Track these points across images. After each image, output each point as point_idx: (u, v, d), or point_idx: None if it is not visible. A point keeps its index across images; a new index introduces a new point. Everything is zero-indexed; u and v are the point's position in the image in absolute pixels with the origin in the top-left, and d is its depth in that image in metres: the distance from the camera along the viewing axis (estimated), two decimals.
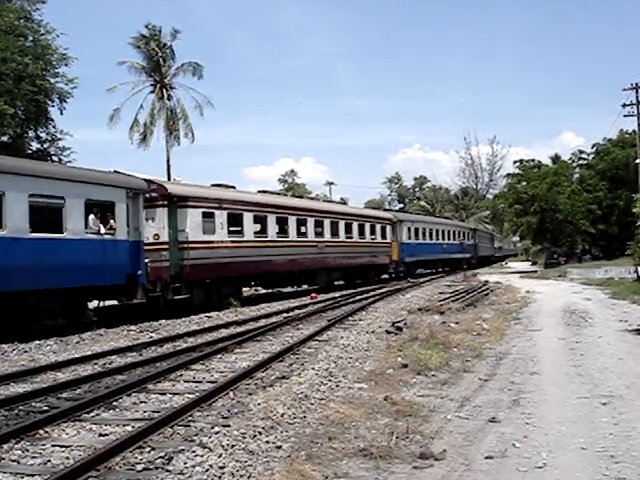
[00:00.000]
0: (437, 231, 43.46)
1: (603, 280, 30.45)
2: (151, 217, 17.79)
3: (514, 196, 52.27)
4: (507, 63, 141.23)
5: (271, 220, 23.01)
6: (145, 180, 17.38)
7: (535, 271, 46.99)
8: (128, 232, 15.95)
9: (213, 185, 22.47)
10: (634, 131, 45.35)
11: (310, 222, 25.95)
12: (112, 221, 15.56)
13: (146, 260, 16.51)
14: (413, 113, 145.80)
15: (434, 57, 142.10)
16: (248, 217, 21.50)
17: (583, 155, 57.71)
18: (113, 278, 15.43)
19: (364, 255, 31.09)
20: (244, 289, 23.41)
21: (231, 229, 20.56)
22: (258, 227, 22.39)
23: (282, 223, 23.93)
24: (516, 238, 78.18)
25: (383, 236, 33.69)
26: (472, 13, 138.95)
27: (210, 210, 19.51)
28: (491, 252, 68.13)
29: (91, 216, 15.02)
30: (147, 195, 17.15)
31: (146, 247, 16.80)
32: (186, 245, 18.32)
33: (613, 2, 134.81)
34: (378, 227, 33.19)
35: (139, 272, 16.02)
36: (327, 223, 27.43)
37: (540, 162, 55.90)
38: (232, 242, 20.46)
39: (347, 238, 29.26)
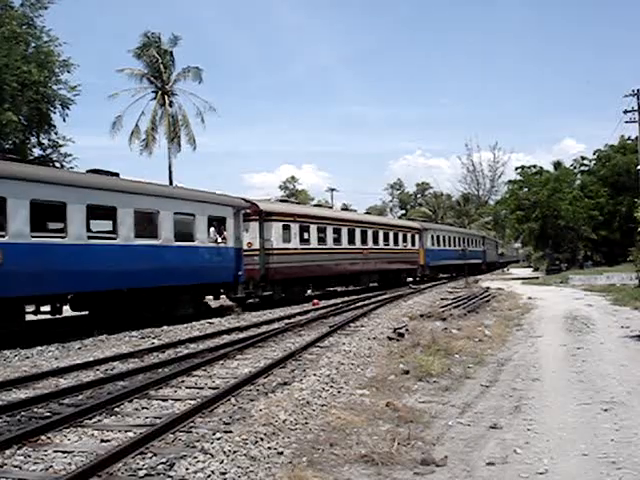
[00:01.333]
0: (454, 238, 47.97)
1: (605, 286, 30.36)
2: (246, 229, 21.81)
3: (516, 202, 52.34)
4: (508, 70, 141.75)
5: (329, 231, 27.19)
6: (243, 199, 21.70)
7: (537, 277, 46.85)
8: (234, 241, 19.93)
9: (280, 200, 28.01)
10: (636, 137, 45.37)
11: (357, 232, 29.95)
12: (225, 232, 19.50)
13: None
14: (414, 120, 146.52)
15: (434, 64, 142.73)
16: (313, 228, 25.76)
17: (585, 161, 57.79)
18: (226, 277, 19.65)
19: (398, 260, 35.68)
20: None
21: (301, 238, 24.64)
22: (320, 237, 26.40)
23: (337, 233, 28.01)
24: (518, 244, 78.28)
25: (412, 243, 38.16)
26: (473, 20, 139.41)
27: (287, 223, 23.73)
28: (496, 258, 70.76)
29: (211, 228, 19.01)
30: (244, 211, 21.16)
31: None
32: (271, 251, 22.45)
33: (613, 8, 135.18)
34: (409, 235, 37.71)
35: (240, 273, 20.18)
36: (370, 233, 31.56)
37: (542, 168, 55.95)
38: (302, 249, 24.61)
39: (385, 246, 33.64)
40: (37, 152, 29.83)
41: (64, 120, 29.55)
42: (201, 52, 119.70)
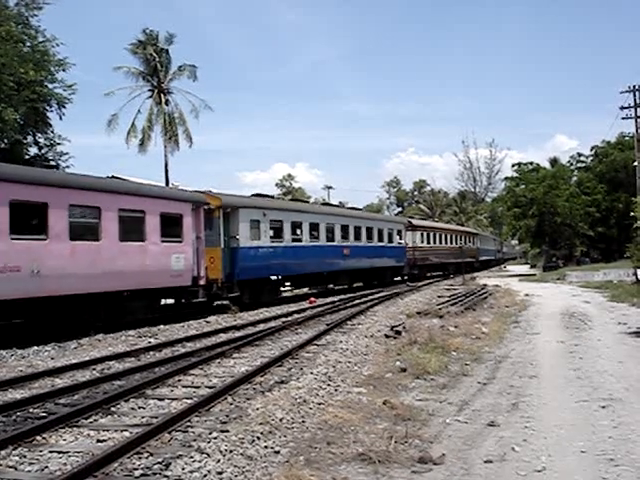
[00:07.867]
0: (487, 240, 67.78)
1: (602, 283, 30.42)
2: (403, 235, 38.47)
3: (512, 199, 52.30)
4: (501, 67, 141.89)
5: (437, 235, 44.19)
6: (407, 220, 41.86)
7: (534, 274, 46.96)
8: (404, 243, 37.02)
9: (410, 217, 51.29)
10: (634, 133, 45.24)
11: (448, 236, 47.60)
12: (403, 239, 36.86)
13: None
14: (407, 117, 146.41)
15: (430, 63, 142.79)
16: (431, 234, 43.14)
17: (581, 158, 57.71)
18: (401, 262, 35.67)
19: (468, 255, 50.97)
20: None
21: (427, 240, 41.74)
22: (434, 240, 43.23)
23: (440, 237, 44.95)
24: (515, 241, 78.74)
25: (473, 243, 56.25)
26: (468, 17, 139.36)
27: (422, 232, 41.25)
28: (500, 255, 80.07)
29: (397, 236, 35.90)
30: (407, 225, 39.08)
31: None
32: (415, 248, 38.61)
33: (611, 6, 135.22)
34: (471, 237, 56.32)
35: (405, 260, 36.18)
36: (454, 236, 49.31)
37: (538, 165, 55.89)
38: (428, 247, 41.59)
39: (461, 244, 49.98)
40: (33, 151, 29.76)
41: (60, 118, 29.46)
42: (197, 49, 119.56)
